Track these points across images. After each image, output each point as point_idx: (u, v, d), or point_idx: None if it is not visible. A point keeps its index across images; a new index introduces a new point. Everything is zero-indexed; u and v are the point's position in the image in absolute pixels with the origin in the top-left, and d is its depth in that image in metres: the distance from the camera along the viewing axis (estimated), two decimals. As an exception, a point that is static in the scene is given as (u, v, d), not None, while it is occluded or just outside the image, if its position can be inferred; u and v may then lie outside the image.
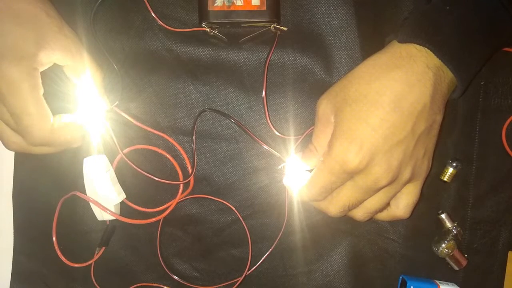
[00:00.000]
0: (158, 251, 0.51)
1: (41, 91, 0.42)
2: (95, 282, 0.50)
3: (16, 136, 0.43)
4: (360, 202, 0.42)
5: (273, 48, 0.47)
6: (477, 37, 0.41)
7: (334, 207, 0.42)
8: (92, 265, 0.50)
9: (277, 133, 0.48)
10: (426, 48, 0.39)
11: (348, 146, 0.39)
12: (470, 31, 0.40)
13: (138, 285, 0.51)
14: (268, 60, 0.48)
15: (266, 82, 0.48)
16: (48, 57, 0.42)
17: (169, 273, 0.51)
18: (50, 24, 0.42)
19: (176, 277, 0.51)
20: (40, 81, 0.41)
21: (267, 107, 0.48)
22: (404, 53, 0.39)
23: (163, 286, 0.52)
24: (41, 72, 0.42)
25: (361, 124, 0.39)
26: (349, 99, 0.40)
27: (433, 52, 0.39)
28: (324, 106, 0.42)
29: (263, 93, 0.48)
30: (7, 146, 0.45)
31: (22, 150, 0.44)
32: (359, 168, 0.39)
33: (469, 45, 0.40)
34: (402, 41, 0.40)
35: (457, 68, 0.40)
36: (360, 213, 0.43)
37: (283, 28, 0.47)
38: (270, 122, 0.48)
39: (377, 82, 0.39)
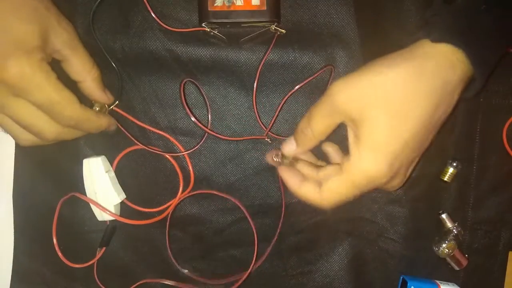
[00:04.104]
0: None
1: (56, 75, 0.41)
2: (98, 282, 0.50)
3: (26, 133, 0.43)
4: None
5: (269, 49, 0.47)
6: (502, 38, 0.39)
7: (331, 205, 0.41)
8: (95, 265, 0.50)
9: (266, 130, 0.48)
10: (462, 53, 0.37)
11: (382, 162, 0.37)
12: (497, 33, 0.39)
13: (142, 282, 0.51)
14: (263, 60, 0.47)
15: (258, 81, 0.48)
16: (50, 50, 0.42)
17: (169, 273, 0.51)
18: (49, 18, 0.41)
19: (175, 277, 0.51)
20: (51, 68, 0.41)
21: (255, 102, 0.48)
22: (447, 63, 0.37)
23: (167, 281, 0.51)
24: None
25: (396, 138, 0.37)
26: (384, 105, 0.37)
27: (470, 59, 0.37)
28: (346, 99, 0.38)
29: (254, 89, 0.48)
30: (20, 143, 0.44)
31: (35, 144, 0.44)
32: (384, 183, 0.38)
33: (495, 47, 0.39)
34: (436, 40, 0.37)
35: (483, 74, 0.38)
36: None
37: (282, 30, 0.47)
38: (261, 122, 0.48)
39: (415, 96, 0.37)
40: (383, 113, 0.37)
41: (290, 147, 0.44)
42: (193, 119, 0.47)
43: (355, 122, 0.38)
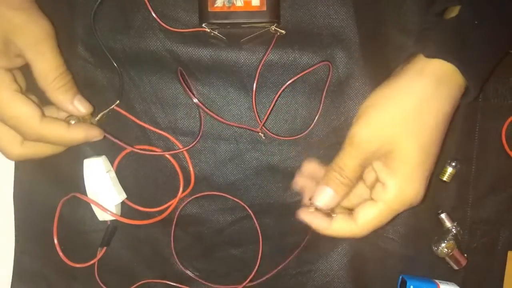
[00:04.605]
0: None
1: (15, 87, 0.40)
2: (99, 282, 0.50)
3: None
4: None
5: (269, 50, 0.47)
6: (498, 51, 0.41)
7: (367, 233, 0.41)
8: (96, 264, 0.50)
9: (260, 124, 0.49)
10: (457, 68, 0.38)
11: (420, 188, 0.39)
12: (493, 46, 0.40)
13: (142, 282, 0.51)
14: (263, 61, 0.48)
15: (258, 81, 0.48)
16: (14, 54, 0.40)
17: (170, 273, 0.51)
18: (13, 19, 0.38)
19: (176, 277, 0.51)
20: (10, 79, 0.39)
21: (255, 103, 0.48)
22: (450, 80, 0.39)
23: (168, 282, 0.51)
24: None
25: (427, 163, 0.39)
26: (410, 133, 0.38)
27: (463, 75, 0.38)
28: (367, 138, 0.39)
29: (254, 88, 0.48)
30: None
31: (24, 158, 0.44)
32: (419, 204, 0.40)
33: (490, 59, 0.40)
34: (430, 56, 0.39)
35: (477, 85, 0.40)
36: None
37: (282, 31, 0.47)
38: (263, 123, 0.48)
39: (435, 116, 0.39)
40: (411, 142, 0.38)
41: (333, 200, 0.41)
42: (195, 100, 0.47)
43: (385, 155, 0.39)
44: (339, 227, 0.41)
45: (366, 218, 0.40)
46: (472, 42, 0.39)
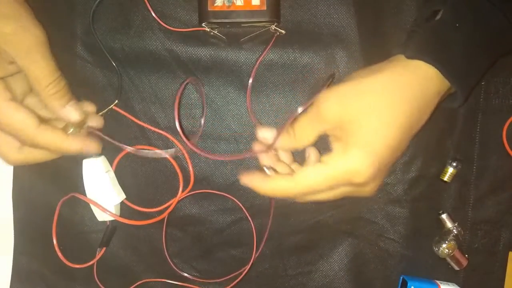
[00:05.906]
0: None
1: (9, 96, 0.40)
2: (98, 282, 0.50)
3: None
4: None
5: (267, 49, 0.47)
6: (482, 54, 0.41)
7: (303, 190, 0.41)
8: (95, 265, 0.50)
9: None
10: (436, 70, 0.39)
11: (365, 159, 0.38)
12: (476, 48, 0.40)
13: (142, 281, 0.51)
14: (260, 58, 0.48)
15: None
16: (7, 62, 0.40)
17: (169, 273, 0.51)
18: (3, 28, 0.38)
19: (175, 277, 0.51)
20: (3, 87, 0.40)
21: (249, 100, 0.48)
22: (423, 75, 0.39)
23: (168, 281, 0.51)
24: None
25: (380, 141, 0.38)
26: (368, 110, 0.38)
27: (444, 75, 0.39)
28: (332, 106, 0.40)
29: (249, 86, 0.48)
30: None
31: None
32: (363, 182, 0.39)
33: (475, 62, 0.40)
34: (410, 57, 0.39)
35: (462, 87, 0.40)
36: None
37: (282, 31, 0.47)
38: (255, 119, 0.48)
39: (398, 103, 0.38)
40: (367, 117, 0.38)
41: (267, 134, 0.44)
42: (177, 123, 0.43)
43: (339, 126, 0.39)
44: (276, 183, 0.41)
45: (303, 174, 0.40)
46: (453, 44, 0.39)
